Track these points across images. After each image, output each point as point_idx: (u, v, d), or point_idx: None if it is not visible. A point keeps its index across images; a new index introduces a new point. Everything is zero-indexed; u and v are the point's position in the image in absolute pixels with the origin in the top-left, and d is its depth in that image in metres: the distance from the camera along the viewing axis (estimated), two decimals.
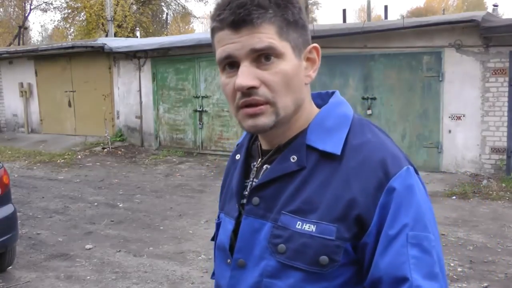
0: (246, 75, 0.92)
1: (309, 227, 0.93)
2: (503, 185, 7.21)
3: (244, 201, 1.04)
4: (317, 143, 0.97)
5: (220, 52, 0.95)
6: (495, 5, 14.07)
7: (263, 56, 0.93)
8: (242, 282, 1.01)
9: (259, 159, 1.06)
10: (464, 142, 8.03)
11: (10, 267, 4.70)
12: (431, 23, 7.99)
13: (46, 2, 25.94)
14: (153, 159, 10.43)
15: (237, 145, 1.17)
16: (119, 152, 11.18)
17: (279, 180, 0.98)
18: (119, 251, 5.13)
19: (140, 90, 11.67)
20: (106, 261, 4.86)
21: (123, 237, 5.57)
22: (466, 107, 7.96)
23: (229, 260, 1.04)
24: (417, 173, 0.98)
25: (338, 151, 0.95)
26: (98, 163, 10.16)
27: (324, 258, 0.91)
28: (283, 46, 0.93)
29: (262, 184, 1.00)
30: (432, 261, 0.89)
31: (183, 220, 6.16)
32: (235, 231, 1.03)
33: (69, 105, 12.96)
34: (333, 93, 1.09)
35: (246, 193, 1.05)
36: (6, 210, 4.37)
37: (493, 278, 4.30)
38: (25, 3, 27.42)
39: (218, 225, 1.16)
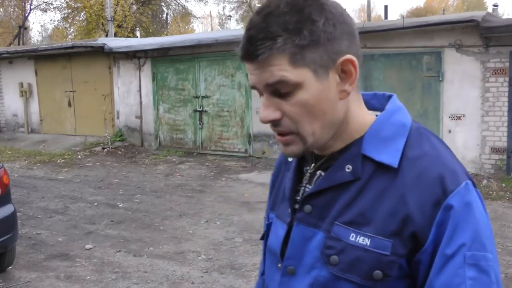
0: (267, 108, 0.91)
1: (363, 240, 0.91)
2: (503, 185, 7.22)
3: (297, 206, 1.02)
4: (373, 154, 0.94)
5: (249, 79, 0.94)
6: (495, 5, 14.09)
7: (279, 88, 0.89)
8: None
9: (312, 164, 1.03)
10: (464, 142, 8.03)
11: (10, 267, 4.70)
12: (431, 23, 7.99)
13: (46, 2, 25.98)
14: (153, 159, 10.43)
15: None
16: (119, 152, 11.18)
17: (332, 189, 0.96)
18: (119, 251, 5.13)
19: (140, 90, 11.67)
20: (106, 261, 4.86)
21: (123, 237, 5.57)
22: (466, 107, 7.96)
23: (279, 265, 1.03)
24: (475, 186, 0.94)
25: (395, 164, 0.92)
26: (98, 163, 10.16)
27: (378, 273, 0.90)
28: (298, 74, 0.88)
29: (315, 192, 0.98)
30: (489, 281, 0.87)
31: (183, 220, 6.16)
32: (286, 236, 1.02)
33: (69, 105, 12.97)
34: (390, 96, 1.04)
35: (299, 198, 1.03)
36: (6, 210, 4.37)
37: None
38: (25, 3, 27.43)
39: (268, 226, 1.13)
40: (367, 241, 0.90)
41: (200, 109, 10.75)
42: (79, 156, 10.81)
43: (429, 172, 0.90)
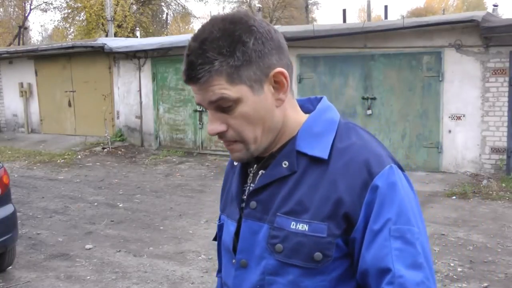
0: (213, 122, 1.03)
1: (303, 227, 1.00)
2: (503, 185, 7.21)
3: (243, 205, 1.11)
4: (306, 149, 1.04)
5: (195, 98, 1.06)
6: (495, 5, 14.07)
7: (221, 104, 1.00)
8: (245, 281, 1.08)
9: (255, 165, 1.12)
10: (464, 142, 8.03)
11: (10, 267, 4.70)
12: (431, 23, 7.99)
13: (46, 2, 25.96)
14: (153, 159, 10.43)
15: None
16: (119, 152, 11.18)
17: (273, 184, 1.05)
18: (119, 251, 5.13)
19: (140, 90, 11.67)
20: (106, 261, 4.86)
21: (123, 237, 5.57)
22: (466, 107, 7.96)
23: (234, 260, 1.11)
24: (402, 170, 1.04)
25: (325, 156, 1.02)
26: (98, 163, 10.16)
27: (318, 255, 0.99)
28: (237, 90, 0.98)
29: (258, 189, 1.07)
30: (415, 252, 0.95)
31: (183, 220, 6.16)
32: (237, 233, 1.11)
33: (69, 105, 12.96)
34: (321, 98, 1.15)
35: (245, 197, 1.12)
36: (6, 210, 4.37)
37: (493, 278, 4.30)
38: (25, 3, 27.41)
39: (220, 227, 1.22)
40: (305, 227, 1.00)
41: (200, 109, 10.75)
42: (79, 156, 10.81)
43: (356, 158, 1.00)
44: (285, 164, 1.04)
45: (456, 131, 8.07)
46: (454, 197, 6.86)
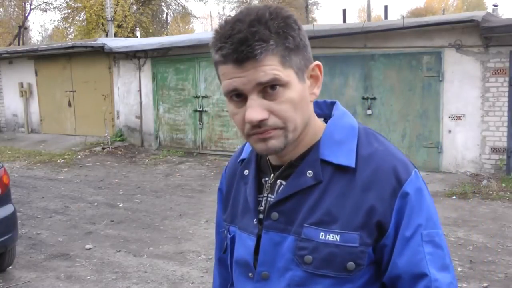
0: (255, 109, 0.94)
1: (333, 237, 0.99)
2: (503, 185, 7.21)
3: (261, 216, 1.08)
4: (330, 157, 1.02)
5: (226, 85, 0.96)
6: (495, 5, 14.10)
7: (269, 87, 0.94)
8: None
9: (272, 175, 1.09)
10: (464, 142, 8.02)
11: (10, 267, 4.70)
12: (431, 23, 7.99)
13: (46, 2, 25.96)
14: (153, 159, 10.43)
15: (241, 160, 1.19)
16: (119, 152, 11.18)
17: (297, 194, 1.03)
18: (119, 251, 5.13)
19: (140, 90, 11.67)
20: (106, 261, 4.86)
21: (123, 237, 5.57)
22: (466, 107, 7.96)
23: (250, 274, 1.08)
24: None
25: (352, 164, 1.01)
26: (98, 163, 10.16)
27: (351, 264, 0.99)
28: (287, 74, 0.95)
29: (281, 199, 1.04)
30: (443, 253, 1.00)
31: (183, 220, 6.16)
32: (256, 246, 1.07)
33: (69, 105, 12.97)
34: (332, 103, 1.13)
35: (261, 208, 1.08)
36: (6, 210, 4.37)
37: (493, 278, 4.30)
38: (25, 3, 27.41)
39: (232, 239, 1.16)
40: (337, 237, 0.99)
41: (200, 109, 10.75)
42: (79, 156, 10.81)
43: (383, 166, 1.00)
44: (309, 173, 1.02)
45: (456, 131, 8.07)
46: (454, 197, 6.86)
